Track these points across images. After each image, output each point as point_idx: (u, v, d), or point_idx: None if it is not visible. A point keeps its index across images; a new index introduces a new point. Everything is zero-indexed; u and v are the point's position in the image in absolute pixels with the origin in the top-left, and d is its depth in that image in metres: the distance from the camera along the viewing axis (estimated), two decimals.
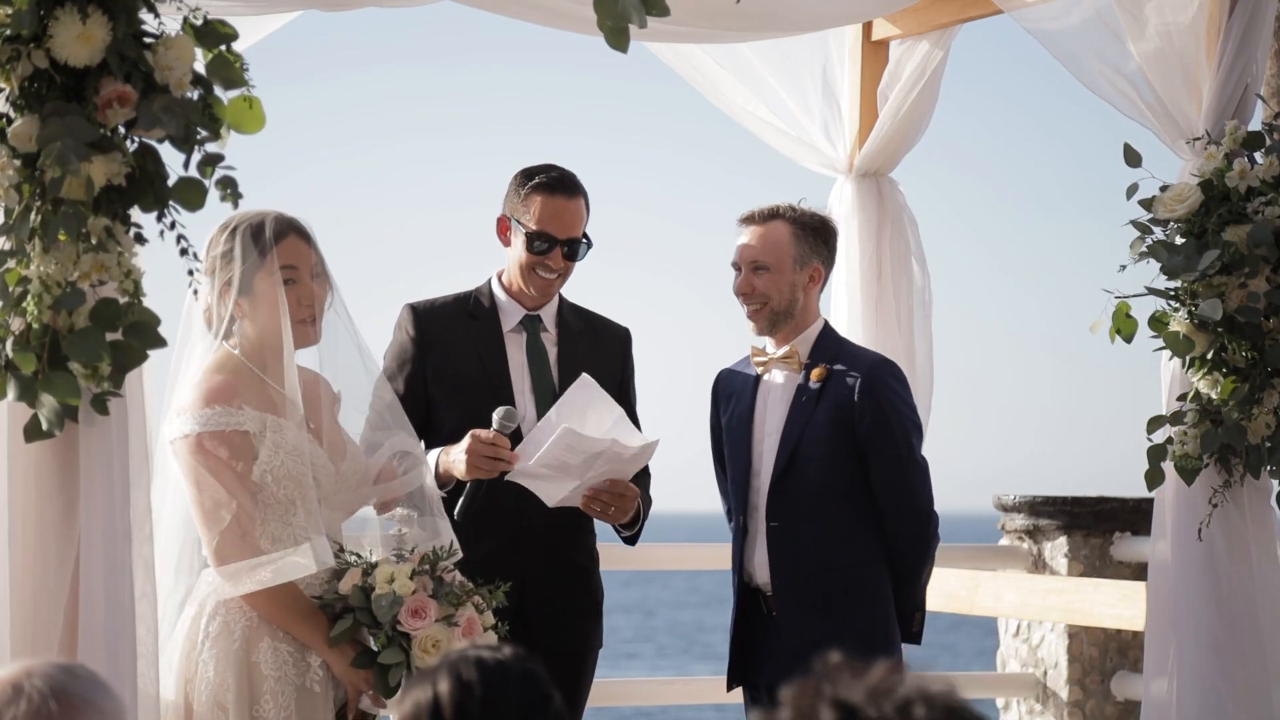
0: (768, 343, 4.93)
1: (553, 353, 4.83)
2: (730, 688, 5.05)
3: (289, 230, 4.17)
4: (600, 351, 4.89)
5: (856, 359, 4.87)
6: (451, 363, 4.76)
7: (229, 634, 4.07)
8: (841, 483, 4.78)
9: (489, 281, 4.88)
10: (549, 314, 4.86)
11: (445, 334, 4.79)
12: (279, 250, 4.14)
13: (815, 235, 4.90)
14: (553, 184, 4.77)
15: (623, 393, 4.90)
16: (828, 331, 4.93)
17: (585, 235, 4.81)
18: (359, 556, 4.16)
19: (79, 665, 2.32)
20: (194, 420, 4.07)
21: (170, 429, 4.12)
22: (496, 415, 4.58)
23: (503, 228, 4.81)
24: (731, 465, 4.96)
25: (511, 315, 4.82)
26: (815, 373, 4.84)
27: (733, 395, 5.01)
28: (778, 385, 4.90)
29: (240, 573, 4.04)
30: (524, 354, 4.81)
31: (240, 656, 4.05)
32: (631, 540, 4.84)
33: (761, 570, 4.85)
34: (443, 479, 4.61)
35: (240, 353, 4.16)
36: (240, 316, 4.15)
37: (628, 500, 4.65)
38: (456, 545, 4.25)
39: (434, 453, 4.65)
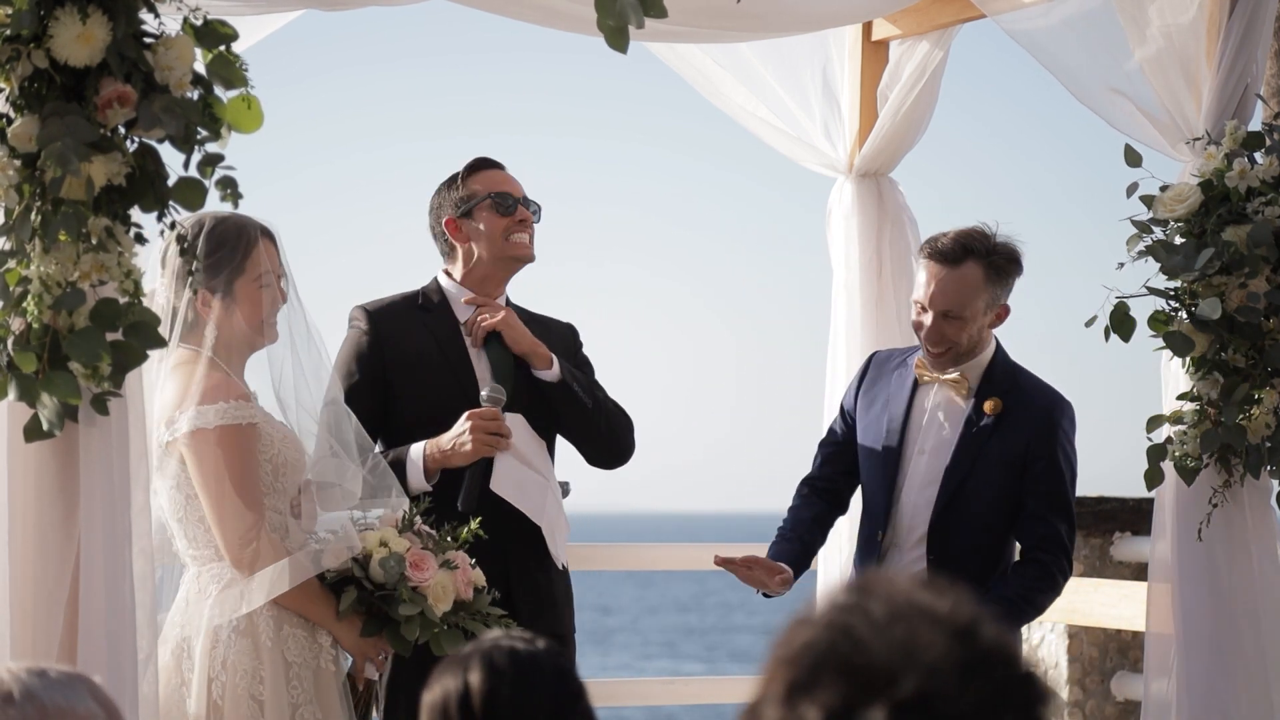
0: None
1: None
2: None
3: (266, 232, 4.25)
4: (553, 341, 4.89)
5: (1032, 394, 4.71)
6: (409, 350, 4.78)
7: (254, 626, 4.09)
8: (999, 522, 4.68)
9: (435, 280, 4.91)
10: (500, 302, 4.87)
11: (399, 326, 4.82)
12: (259, 253, 4.21)
13: (1006, 275, 4.68)
14: (482, 161, 4.88)
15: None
16: (1001, 356, 4.76)
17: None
18: (331, 533, 4.21)
19: (54, 669, 2.29)
20: (211, 414, 4.09)
21: (178, 425, 4.11)
22: (485, 390, 4.64)
23: (453, 229, 4.84)
24: (870, 466, 4.79)
25: (464, 307, 4.84)
26: (989, 405, 4.66)
27: (881, 387, 4.84)
28: (942, 405, 4.73)
29: (276, 574, 4.07)
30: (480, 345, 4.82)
31: (270, 648, 4.08)
32: (564, 389, 4.77)
33: None
34: (433, 469, 4.63)
35: (212, 352, 4.19)
36: (210, 318, 4.18)
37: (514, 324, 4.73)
38: (409, 505, 4.32)
39: (418, 446, 4.65)
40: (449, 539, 4.30)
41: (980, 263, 4.63)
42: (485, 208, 4.80)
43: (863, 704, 1.45)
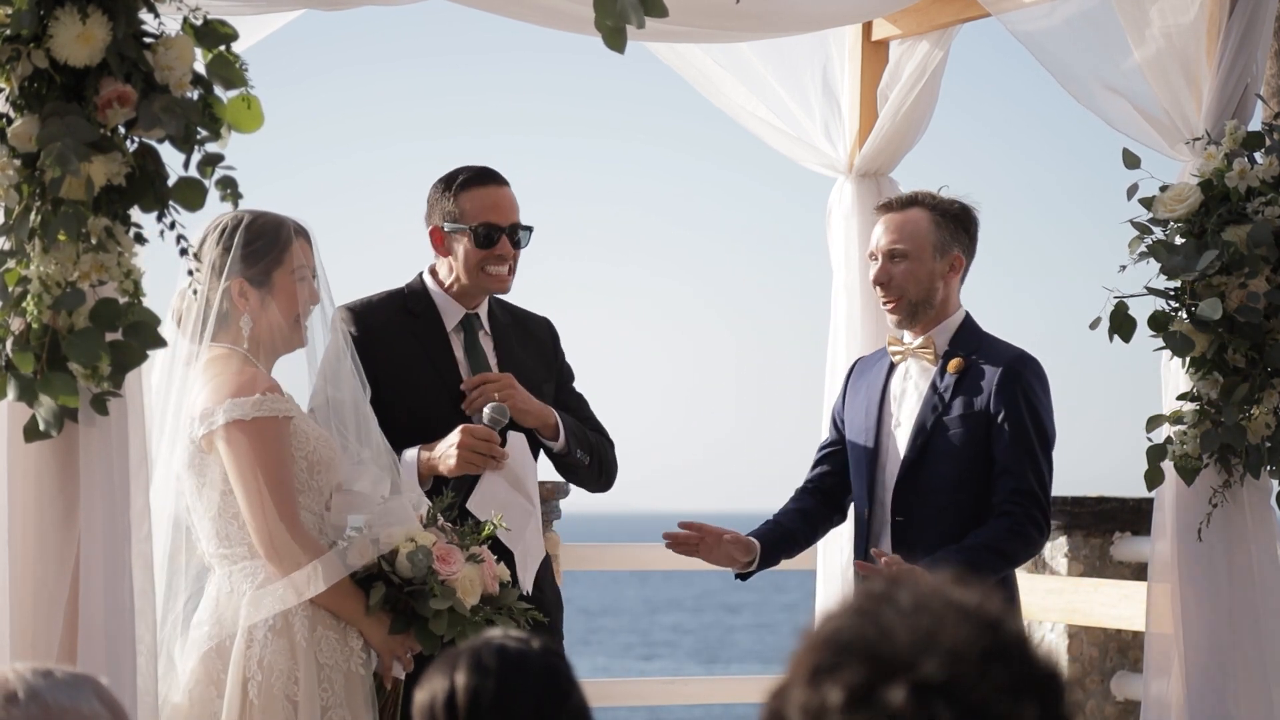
0: (906, 333, 4.85)
1: (489, 349, 4.80)
2: None
3: (302, 231, 4.26)
4: (531, 344, 4.87)
5: (996, 352, 4.76)
6: (399, 361, 4.71)
7: (289, 627, 4.08)
8: (971, 480, 4.69)
9: (420, 278, 4.83)
10: (483, 312, 4.83)
11: (387, 333, 4.73)
12: (296, 248, 4.22)
13: (955, 222, 4.81)
14: (480, 176, 4.76)
15: (561, 382, 4.91)
16: (969, 323, 4.84)
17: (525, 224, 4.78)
18: (357, 530, 4.20)
19: (60, 669, 2.29)
20: (248, 406, 4.08)
21: (215, 418, 4.09)
22: (487, 410, 4.59)
23: (437, 239, 4.75)
24: (854, 452, 4.88)
25: (451, 314, 4.77)
26: (953, 364, 4.74)
27: (862, 382, 4.94)
28: (912, 376, 4.82)
29: (309, 574, 4.06)
30: (464, 353, 4.76)
31: (305, 649, 4.07)
32: (566, 457, 4.76)
33: None
34: (425, 475, 4.60)
35: (247, 347, 4.19)
36: (246, 310, 4.18)
37: (518, 392, 4.66)
38: (427, 502, 4.31)
39: (412, 451, 4.61)
40: (472, 534, 4.29)
41: (925, 209, 4.81)
42: (465, 235, 4.70)
43: (884, 683, 1.49)
